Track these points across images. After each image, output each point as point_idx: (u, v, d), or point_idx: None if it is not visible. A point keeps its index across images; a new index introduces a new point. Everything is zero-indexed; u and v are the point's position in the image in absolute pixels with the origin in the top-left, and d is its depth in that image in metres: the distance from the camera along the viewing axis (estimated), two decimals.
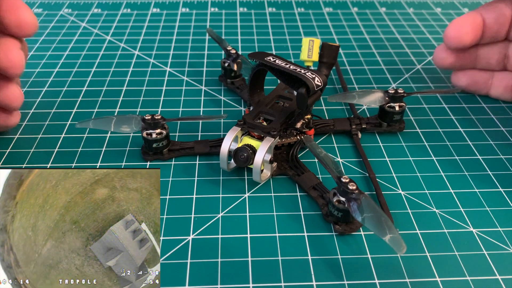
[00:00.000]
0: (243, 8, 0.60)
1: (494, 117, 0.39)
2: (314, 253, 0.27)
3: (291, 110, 0.34)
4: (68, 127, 0.37)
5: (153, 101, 0.41)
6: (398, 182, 0.33)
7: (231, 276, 0.26)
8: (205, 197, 0.31)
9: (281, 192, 0.32)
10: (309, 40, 0.35)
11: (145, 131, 0.33)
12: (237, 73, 0.42)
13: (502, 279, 0.26)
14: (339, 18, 0.58)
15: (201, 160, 0.34)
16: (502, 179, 0.33)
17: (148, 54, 0.49)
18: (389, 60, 0.48)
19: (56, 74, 0.45)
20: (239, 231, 0.29)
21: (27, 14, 0.30)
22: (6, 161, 0.34)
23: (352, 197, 0.27)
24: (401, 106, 0.36)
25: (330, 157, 0.30)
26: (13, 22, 0.30)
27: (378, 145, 0.36)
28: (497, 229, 0.29)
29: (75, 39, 0.51)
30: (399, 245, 0.24)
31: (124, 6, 0.60)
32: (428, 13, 0.59)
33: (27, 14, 0.30)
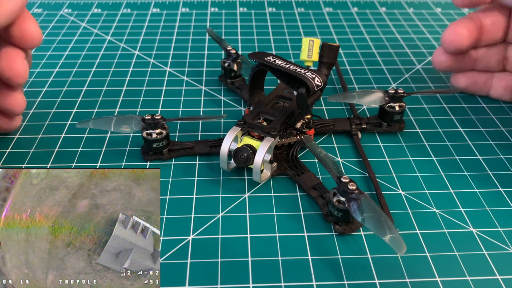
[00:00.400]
0: (243, 8, 0.60)
1: (494, 117, 0.39)
2: (314, 253, 0.27)
3: (291, 110, 0.34)
4: (68, 127, 0.37)
5: (153, 101, 0.41)
6: (398, 182, 0.33)
7: (231, 276, 0.26)
8: (205, 197, 0.31)
9: (281, 192, 0.32)
10: (309, 40, 0.35)
11: (145, 131, 0.33)
12: (237, 73, 0.42)
13: (502, 279, 0.26)
14: (339, 18, 0.58)
15: (201, 160, 0.34)
16: (502, 179, 0.33)
17: (148, 54, 0.49)
18: (389, 60, 0.48)
19: (56, 74, 0.45)
20: (239, 231, 0.29)
21: (32, 26, 0.31)
22: (6, 161, 0.34)
23: (352, 197, 0.27)
24: (401, 106, 0.36)
25: (330, 157, 0.30)
26: (17, 34, 0.30)
27: (378, 145, 0.36)
28: (497, 229, 0.29)
29: (75, 39, 0.51)
30: (399, 245, 0.24)
31: (124, 6, 0.60)
32: (428, 13, 0.59)
33: (31, 27, 0.31)
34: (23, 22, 0.30)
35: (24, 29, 0.30)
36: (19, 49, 0.31)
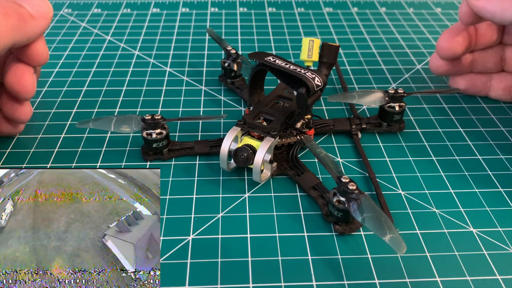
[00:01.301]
0: (243, 8, 0.60)
1: (494, 117, 0.39)
2: (314, 253, 0.27)
3: (291, 110, 0.34)
4: (68, 127, 0.37)
5: (153, 101, 0.41)
6: (398, 182, 0.33)
7: (231, 276, 0.26)
8: (205, 197, 0.31)
9: (281, 192, 0.32)
10: (309, 40, 0.35)
11: (145, 131, 0.33)
12: (237, 73, 0.42)
13: (502, 279, 0.26)
14: (339, 18, 0.58)
15: (201, 160, 0.34)
16: (502, 179, 0.33)
17: (148, 54, 0.49)
18: (389, 60, 0.48)
19: (56, 74, 0.45)
20: (239, 231, 0.29)
21: (42, 46, 0.32)
22: (6, 161, 0.34)
23: (352, 197, 0.27)
24: (401, 106, 0.36)
25: (330, 157, 0.30)
26: (27, 52, 0.31)
27: (378, 145, 0.36)
28: (497, 229, 0.29)
29: (75, 39, 0.51)
30: (399, 245, 0.24)
31: (124, 6, 0.60)
32: (428, 13, 0.59)
33: (41, 47, 0.32)
34: (35, 41, 0.31)
35: (34, 48, 0.31)
36: (28, 65, 0.32)
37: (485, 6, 0.33)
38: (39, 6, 0.30)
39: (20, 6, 0.29)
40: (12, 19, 0.28)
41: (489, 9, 0.33)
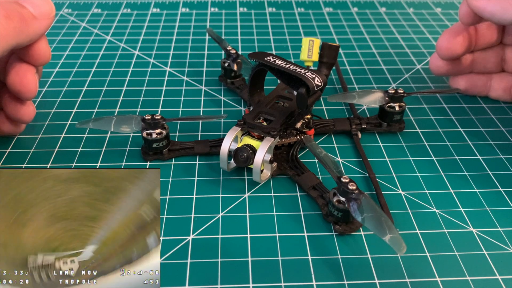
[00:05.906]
0: (243, 8, 0.60)
1: (494, 117, 0.39)
2: (314, 253, 0.27)
3: (291, 110, 0.34)
4: (68, 127, 0.37)
5: (153, 101, 0.41)
6: (398, 182, 0.33)
7: (231, 276, 0.26)
8: (205, 197, 0.31)
9: (281, 192, 0.32)
10: (309, 40, 0.35)
11: (145, 131, 0.33)
12: (237, 73, 0.42)
13: (502, 279, 0.26)
14: (339, 18, 0.58)
15: (201, 160, 0.34)
16: (502, 179, 0.33)
17: (148, 54, 0.49)
18: (389, 60, 0.48)
19: (56, 74, 0.45)
20: (239, 231, 0.29)
21: (44, 46, 0.32)
22: (6, 161, 0.34)
23: (352, 197, 0.27)
24: (401, 106, 0.36)
25: (330, 157, 0.30)
26: (30, 52, 0.31)
27: (378, 145, 0.36)
28: (497, 229, 0.29)
29: (75, 39, 0.51)
30: (399, 245, 0.24)
31: (124, 6, 0.60)
32: (428, 13, 0.59)
33: (44, 47, 0.32)
34: (37, 41, 0.31)
35: (37, 48, 0.31)
36: (30, 65, 0.32)
37: (485, 7, 0.33)
38: (41, 6, 0.30)
39: (22, 7, 0.29)
40: (14, 21, 0.28)
41: (489, 10, 0.33)
